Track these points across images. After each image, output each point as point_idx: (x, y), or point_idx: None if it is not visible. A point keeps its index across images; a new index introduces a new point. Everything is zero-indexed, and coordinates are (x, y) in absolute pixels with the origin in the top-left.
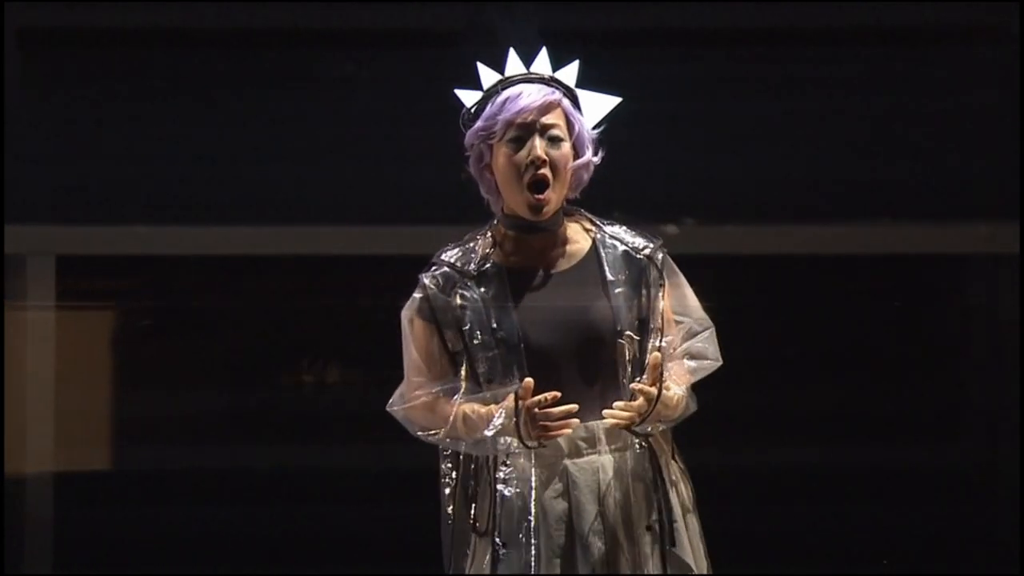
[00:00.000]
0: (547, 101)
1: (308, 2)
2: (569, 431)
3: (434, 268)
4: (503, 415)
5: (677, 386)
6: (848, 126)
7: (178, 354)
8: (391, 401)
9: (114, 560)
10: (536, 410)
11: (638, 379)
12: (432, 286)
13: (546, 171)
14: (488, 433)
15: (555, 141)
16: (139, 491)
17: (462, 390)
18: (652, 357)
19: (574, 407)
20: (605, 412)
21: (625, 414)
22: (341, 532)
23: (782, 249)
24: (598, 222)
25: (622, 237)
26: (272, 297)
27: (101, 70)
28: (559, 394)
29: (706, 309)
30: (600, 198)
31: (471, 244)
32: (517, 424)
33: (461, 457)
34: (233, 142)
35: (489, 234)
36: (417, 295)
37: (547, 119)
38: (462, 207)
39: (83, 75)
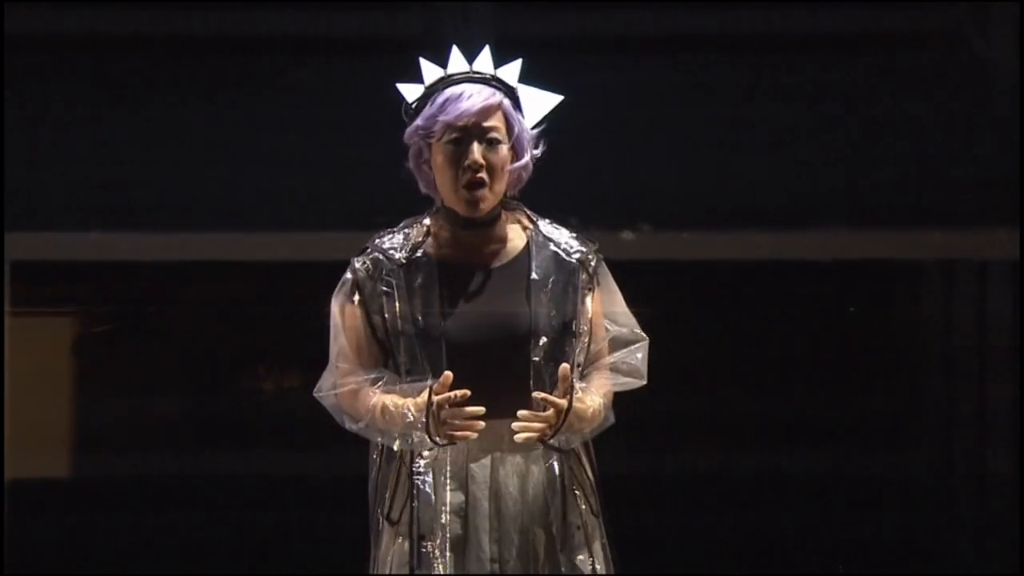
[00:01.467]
0: (487, 104)
1: (261, 10)
2: (473, 435)
3: (366, 251)
4: (413, 408)
5: (595, 396)
6: (802, 133)
7: (133, 361)
8: (318, 387)
9: (68, 568)
10: (446, 406)
11: (552, 391)
12: (362, 270)
13: (483, 174)
14: (404, 432)
15: (493, 144)
16: (94, 498)
17: (385, 380)
18: (561, 368)
19: (481, 410)
20: (514, 425)
21: (535, 425)
22: (297, 538)
23: (735, 255)
24: (536, 220)
25: (556, 238)
26: (228, 303)
27: (51, 76)
28: (468, 392)
29: (659, 316)
30: (552, 203)
31: (406, 231)
32: (427, 420)
33: (383, 446)
34: (189, 148)
35: (426, 223)
36: (348, 278)
37: (487, 122)
38: (415, 213)
39: (32, 81)
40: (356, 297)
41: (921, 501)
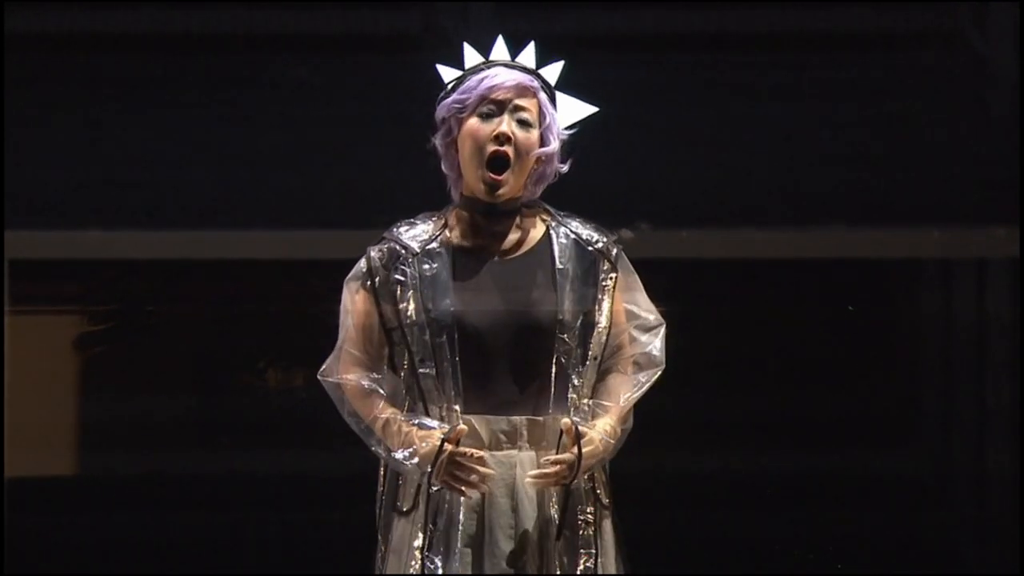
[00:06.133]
0: (524, 83)
1: (261, 8)
2: (476, 494)
3: (382, 242)
4: (423, 450)
5: (607, 419)
6: (801, 132)
7: (132, 359)
8: (323, 369)
9: (68, 568)
10: (457, 459)
11: (555, 451)
12: (376, 258)
13: (509, 149)
14: (398, 456)
15: (524, 124)
16: (93, 497)
17: (395, 384)
18: (564, 424)
19: (492, 473)
20: (529, 475)
21: (550, 471)
22: (299, 537)
23: (736, 254)
24: (556, 214)
25: (577, 229)
26: (229, 301)
27: (51, 74)
28: (483, 454)
29: (661, 314)
30: (558, 201)
31: (424, 222)
32: (432, 464)
33: None
34: (189, 146)
35: (444, 216)
36: (362, 265)
37: (520, 101)
38: (421, 210)
39: (32, 79)
40: (368, 284)
41: (921, 500)
